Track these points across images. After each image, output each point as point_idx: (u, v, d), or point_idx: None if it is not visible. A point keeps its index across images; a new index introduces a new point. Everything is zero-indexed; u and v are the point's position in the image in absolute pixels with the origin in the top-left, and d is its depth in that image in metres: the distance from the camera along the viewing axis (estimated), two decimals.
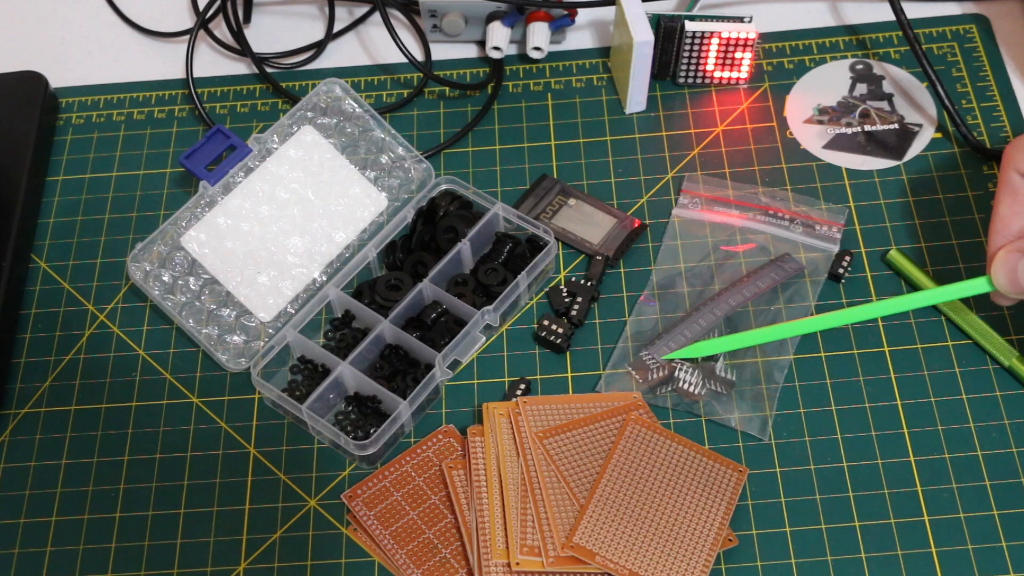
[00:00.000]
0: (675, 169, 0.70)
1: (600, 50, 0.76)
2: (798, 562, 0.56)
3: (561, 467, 0.58)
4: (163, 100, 0.76)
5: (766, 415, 0.60)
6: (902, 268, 0.64)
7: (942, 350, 0.62)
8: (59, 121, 0.76)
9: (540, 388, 0.63)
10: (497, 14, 0.73)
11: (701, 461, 0.58)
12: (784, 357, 0.62)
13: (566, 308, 0.64)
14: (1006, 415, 0.60)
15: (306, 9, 0.80)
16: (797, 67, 0.74)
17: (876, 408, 0.60)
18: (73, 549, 0.60)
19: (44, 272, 0.69)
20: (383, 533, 0.58)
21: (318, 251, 0.66)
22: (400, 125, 0.73)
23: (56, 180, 0.73)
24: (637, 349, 0.63)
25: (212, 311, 0.65)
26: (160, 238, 0.64)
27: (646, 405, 0.61)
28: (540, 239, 0.65)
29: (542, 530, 0.56)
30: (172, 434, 0.63)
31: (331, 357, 0.61)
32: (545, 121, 0.72)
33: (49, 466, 0.62)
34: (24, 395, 0.65)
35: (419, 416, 0.62)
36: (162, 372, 0.65)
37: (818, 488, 0.58)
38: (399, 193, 0.69)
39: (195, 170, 0.65)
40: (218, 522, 0.60)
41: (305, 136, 0.67)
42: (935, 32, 0.74)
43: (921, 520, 0.57)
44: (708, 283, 0.65)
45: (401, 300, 0.63)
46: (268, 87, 0.76)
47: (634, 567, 0.54)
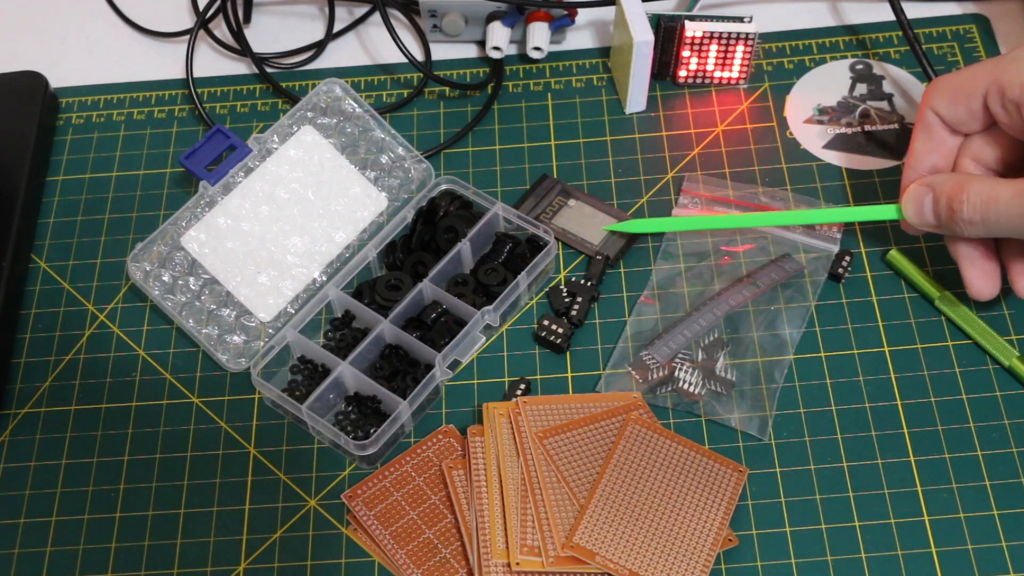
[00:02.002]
0: (675, 169, 0.70)
1: (600, 50, 0.76)
2: (798, 562, 0.56)
3: (561, 467, 0.58)
4: (163, 100, 0.76)
5: (766, 415, 0.60)
6: (902, 268, 0.64)
7: (942, 350, 0.62)
8: (59, 121, 0.76)
9: (540, 388, 0.63)
10: (497, 14, 0.73)
11: (701, 461, 0.58)
12: (784, 357, 0.62)
13: (566, 308, 0.64)
14: (1006, 415, 0.60)
15: (306, 9, 0.80)
16: (797, 67, 0.74)
17: (876, 408, 0.60)
18: (73, 549, 0.60)
19: (44, 272, 0.69)
20: (383, 533, 0.58)
21: (318, 251, 0.66)
22: (400, 125, 0.73)
23: (56, 180, 0.73)
24: (637, 349, 0.63)
25: (212, 311, 0.65)
26: (160, 238, 0.64)
27: (646, 405, 0.61)
28: (540, 239, 0.65)
29: (542, 530, 0.56)
30: (172, 434, 0.63)
31: (331, 357, 0.61)
32: (545, 121, 0.72)
33: (49, 466, 0.62)
34: (24, 395, 0.65)
35: (419, 416, 0.62)
36: (162, 372, 0.65)
37: (818, 488, 0.58)
38: (399, 193, 0.69)
39: (195, 170, 0.65)
40: (218, 522, 0.60)
41: (305, 136, 0.67)
42: (935, 32, 0.74)
43: (921, 520, 0.57)
44: (708, 283, 0.65)
45: (401, 300, 0.63)
46: (268, 87, 0.76)
47: (634, 567, 0.54)
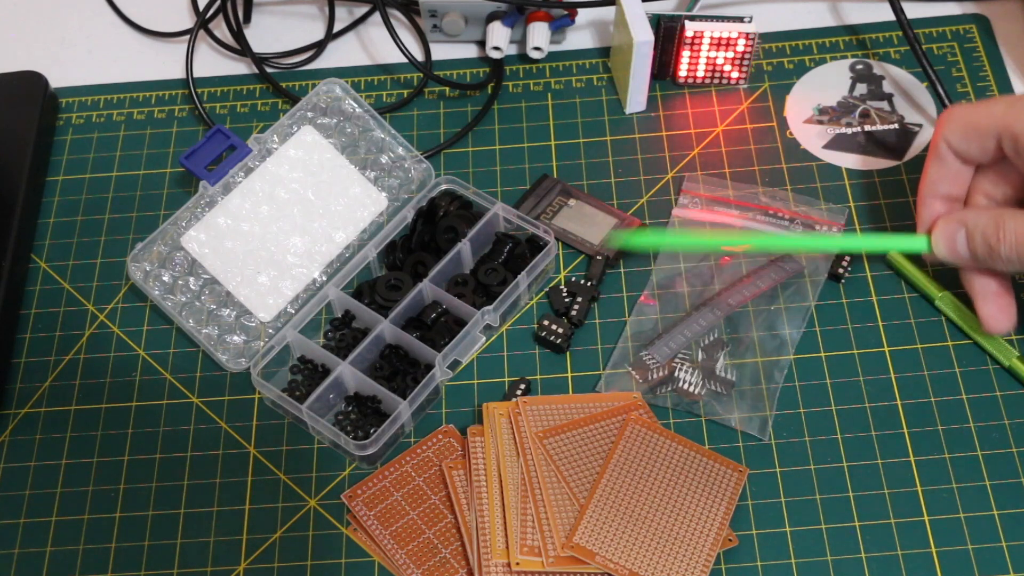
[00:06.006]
0: (675, 169, 0.70)
1: (600, 50, 0.76)
2: (798, 562, 0.56)
3: (561, 467, 0.58)
4: (163, 100, 0.76)
5: (766, 415, 0.60)
6: (902, 268, 0.64)
7: (942, 350, 0.62)
8: (59, 121, 0.76)
9: (540, 388, 0.63)
10: (497, 14, 0.73)
11: (701, 461, 0.58)
12: (784, 357, 0.62)
13: (566, 308, 0.64)
14: (1006, 415, 0.60)
15: (306, 9, 0.80)
16: (797, 67, 0.74)
17: (876, 408, 0.60)
18: (73, 549, 0.60)
19: (44, 272, 0.69)
20: (383, 533, 0.58)
21: (318, 251, 0.66)
22: (400, 125, 0.73)
23: (56, 180, 0.73)
24: (637, 349, 0.63)
25: (212, 311, 0.65)
26: (160, 238, 0.64)
27: (646, 405, 0.61)
28: (540, 239, 0.65)
29: (542, 530, 0.56)
30: (172, 434, 0.63)
31: (331, 357, 0.61)
32: (545, 121, 0.72)
33: (49, 466, 0.62)
34: (24, 395, 0.65)
35: (419, 416, 0.62)
36: (162, 372, 0.65)
37: (818, 488, 0.58)
38: (399, 193, 0.69)
39: (195, 170, 0.65)
40: (218, 522, 0.60)
41: (305, 136, 0.67)
42: (935, 32, 0.74)
43: (921, 520, 0.57)
44: (708, 283, 0.65)
45: (401, 300, 0.63)
46: (268, 87, 0.76)
47: (634, 567, 0.54)
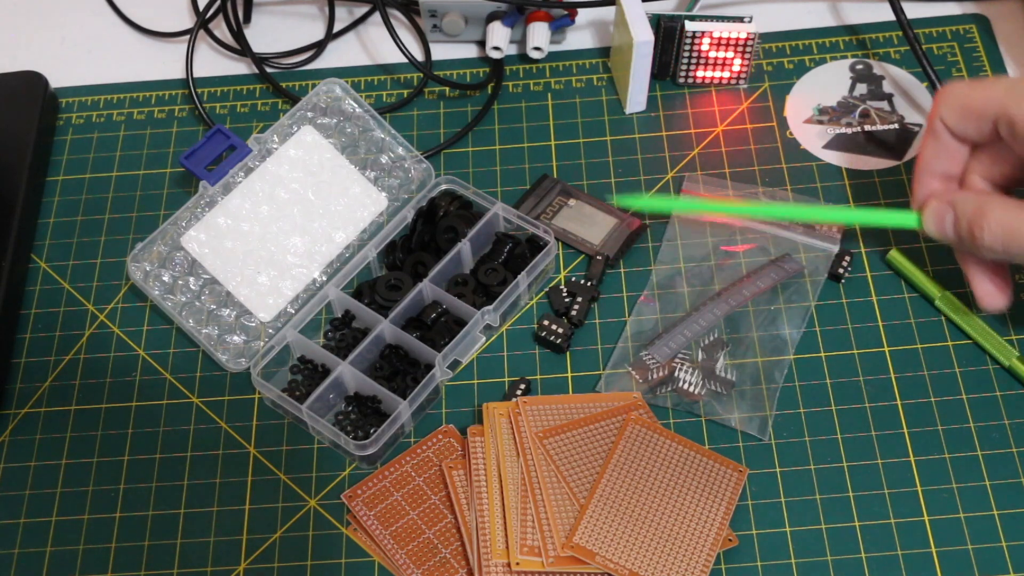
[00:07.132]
0: (675, 169, 0.70)
1: (600, 50, 0.76)
2: (798, 562, 0.56)
3: (561, 467, 0.58)
4: (163, 100, 0.76)
5: (766, 415, 0.60)
6: (902, 268, 0.64)
7: (942, 350, 0.62)
8: (59, 121, 0.76)
9: (540, 388, 0.63)
10: (497, 14, 0.73)
11: (701, 461, 0.58)
12: (784, 357, 0.62)
13: (566, 308, 0.64)
14: (1006, 415, 0.60)
15: (306, 9, 0.80)
16: (797, 67, 0.74)
17: (876, 408, 0.60)
18: (73, 549, 0.60)
19: (44, 272, 0.69)
20: (383, 533, 0.58)
21: (318, 251, 0.66)
22: (400, 125, 0.73)
23: (56, 180, 0.73)
24: (637, 349, 0.63)
25: (212, 311, 0.65)
26: (160, 238, 0.64)
27: (646, 405, 0.61)
28: (540, 239, 0.65)
29: (542, 530, 0.56)
30: (172, 434, 0.63)
31: (331, 357, 0.61)
32: (545, 121, 0.72)
33: (49, 466, 0.62)
34: (24, 395, 0.65)
35: (419, 416, 0.62)
36: (162, 372, 0.65)
37: (818, 488, 0.58)
38: (399, 193, 0.69)
39: (195, 170, 0.65)
40: (218, 522, 0.60)
41: (305, 136, 0.67)
42: (935, 32, 0.74)
43: (921, 520, 0.57)
44: (708, 283, 0.65)
45: (401, 300, 0.63)
46: (268, 87, 0.76)
47: (634, 567, 0.54)
